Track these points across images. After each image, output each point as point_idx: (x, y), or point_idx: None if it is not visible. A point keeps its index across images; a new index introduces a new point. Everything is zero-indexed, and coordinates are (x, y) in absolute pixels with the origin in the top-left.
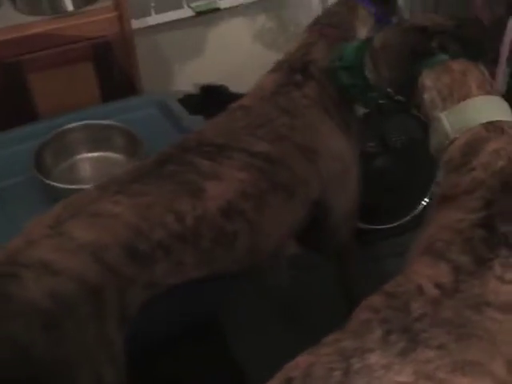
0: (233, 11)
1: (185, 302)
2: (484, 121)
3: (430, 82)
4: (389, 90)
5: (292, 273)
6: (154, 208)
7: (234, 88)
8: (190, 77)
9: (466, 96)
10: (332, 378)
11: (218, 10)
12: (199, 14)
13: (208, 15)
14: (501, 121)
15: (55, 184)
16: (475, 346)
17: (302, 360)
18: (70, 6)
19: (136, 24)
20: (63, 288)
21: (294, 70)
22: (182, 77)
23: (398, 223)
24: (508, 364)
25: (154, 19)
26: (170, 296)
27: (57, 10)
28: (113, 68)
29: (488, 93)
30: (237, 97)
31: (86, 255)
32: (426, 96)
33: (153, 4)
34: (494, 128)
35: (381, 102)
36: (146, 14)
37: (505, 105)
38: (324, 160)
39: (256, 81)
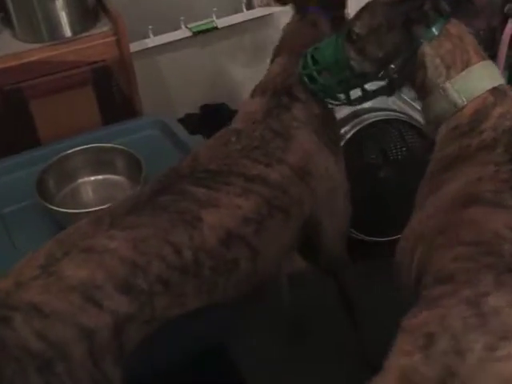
0: (230, 30)
1: (188, 328)
2: (489, 87)
3: (431, 49)
4: (392, 66)
5: (293, 290)
6: (150, 241)
7: (234, 106)
8: (189, 96)
9: (467, 63)
10: (470, 325)
11: (215, 29)
12: (197, 34)
13: (205, 35)
14: (502, 84)
15: (58, 209)
16: None
17: (431, 315)
18: (68, 33)
19: (135, 46)
20: (54, 330)
21: (278, 93)
22: (181, 97)
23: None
24: None
25: (153, 41)
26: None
27: (55, 36)
28: (113, 91)
29: (483, 58)
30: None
31: (76, 296)
32: (430, 64)
33: (151, 26)
34: (498, 93)
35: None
36: (145, 36)
37: (496, 68)
38: (316, 180)
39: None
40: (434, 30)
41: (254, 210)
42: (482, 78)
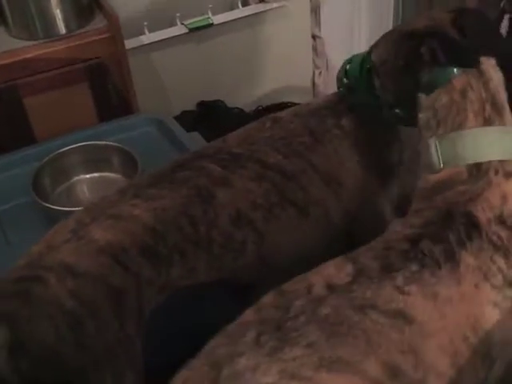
0: (226, 26)
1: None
2: (470, 161)
3: (428, 100)
4: (396, 110)
5: None
6: (169, 211)
7: (230, 102)
8: (186, 93)
9: (459, 125)
10: None
11: (211, 25)
12: (192, 30)
13: (201, 31)
14: (489, 162)
15: (54, 207)
16: (348, 344)
17: (181, 377)
18: (63, 30)
19: (130, 43)
20: (85, 289)
21: (336, 99)
22: (178, 94)
23: None
24: (384, 366)
25: (148, 38)
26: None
27: (50, 33)
28: (108, 88)
29: (485, 121)
30: (234, 111)
31: (105, 257)
32: (422, 115)
33: (146, 23)
34: (477, 171)
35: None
36: (140, 32)
37: (502, 135)
38: (349, 195)
39: (251, 95)
40: (436, 77)
41: (264, 196)
42: (468, 147)
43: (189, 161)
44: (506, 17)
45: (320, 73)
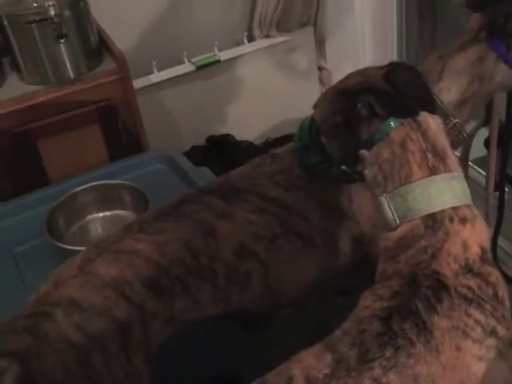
0: (232, 62)
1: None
2: (424, 213)
3: (370, 156)
4: (342, 167)
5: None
6: (171, 245)
7: (239, 136)
8: (195, 129)
9: (406, 179)
10: None
11: (218, 62)
12: (200, 67)
13: (208, 68)
14: (442, 210)
15: (67, 246)
16: None
17: None
18: (73, 74)
19: (139, 83)
20: (91, 323)
21: None
22: (187, 129)
23: None
24: None
25: (157, 76)
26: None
27: (61, 78)
28: (118, 128)
29: (430, 170)
30: (243, 144)
31: (110, 291)
32: (368, 172)
33: (154, 62)
34: (432, 222)
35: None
36: (149, 71)
37: (449, 182)
38: (356, 220)
39: (260, 127)
40: (375, 131)
41: (266, 227)
42: (419, 199)
43: (193, 196)
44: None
45: None
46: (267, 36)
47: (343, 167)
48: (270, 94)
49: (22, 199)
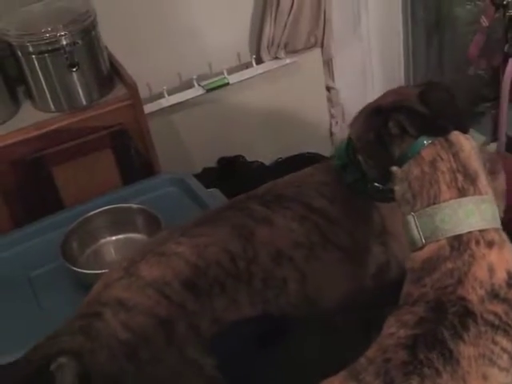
0: (242, 84)
1: None
2: (450, 234)
3: (401, 173)
4: (374, 179)
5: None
6: (210, 248)
7: (250, 157)
8: (206, 151)
9: (434, 198)
10: None
11: (227, 85)
12: (210, 90)
13: (218, 91)
14: (470, 232)
15: (81, 270)
16: None
17: None
18: (85, 101)
19: (151, 107)
20: (136, 321)
21: None
22: (198, 152)
23: None
24: None
25: (168, 101)
26: None
27: (73, 105)
28: (131, 153)
29: (459, 191)
30: (254, 164)
31: (152, 291)
32: (397, 189)
33: (165, 87)
34: (458, 244)
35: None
36: (160, 96)
37: (478, 204)
38: (400, 245)
39: (270, 148)
40: (406, 149)
41: (305, 236)
42: (446, 220)
43: (237, 202)
44: (511, 60)
45: (336, 122)
46: (275, 58)
47: (377, 185)
48: (279, 114)
49: (37, 224)
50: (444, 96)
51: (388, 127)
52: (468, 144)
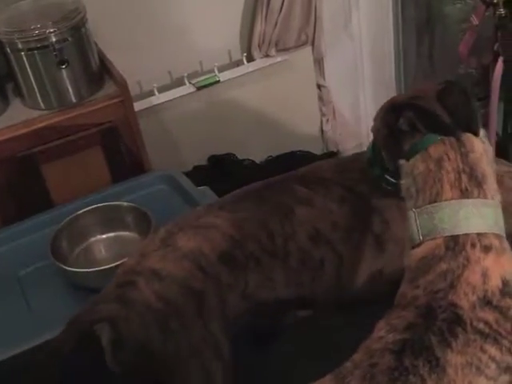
0: (232, 82)
1: None
2: (447, 234)
3: (407, 167)
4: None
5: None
6: (248, 223)
7: (241, 155)
8: (197, 149)
9: (436, 196)
10: None
11: (218, 82)
12: (200, 88)
13: (209, 88)
14: (467, 235)
15: (71, 269)
16: None
17: None
18: (75, 98)
19: (141, 105)
20: (169, 291)
21: None
22: (189, 150)
23: None
24: None
25: (158, 98)
26: None
27: (63, 102)
28: (121, 150)
29: (462, 192)
30: (245, 162)
31: (187, 262)
32: (403, 182)
33: (155, 84)
34: (454, 244)
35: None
36: (150, 93)
37: (480, 208)
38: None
39: (261, 146)
40: (415, 144)
41: (343, 217)
42: (445, 220)
43: (278, 181)
44: (500, 59)
45: (327, 120)
46: (266, 56)
47: (392, 179)
48: (270, 112)
49: (26, 222)
50: (461, 97)
51: (399, 124)
52: (481, 147)
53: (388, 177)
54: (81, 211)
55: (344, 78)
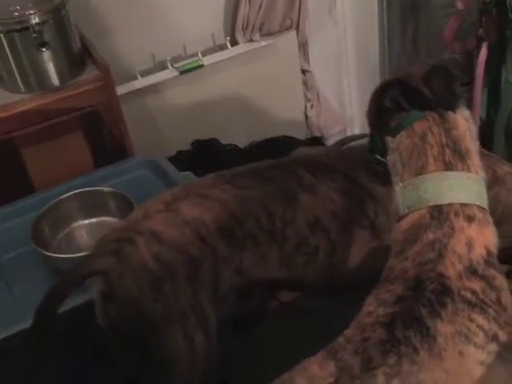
0: (216, 66)
1: None
2: (432, 203)
3: (393, 143)
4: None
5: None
6: (251, 202)
7: (224, 140)
8: (180, 134)
9: (421, 169)
10: None
11: (201, 66)
12: (183, 72)
13: (192, 73)
14: (450, 204)
15: (53, 255)
16: None
17: None
18: (56, 81)
19: (123, 89)
20: (166, 254)
21: None
22: (172, 135)
23: None
24: None
25: (141, 82)
26: None
27: (44, 86)
28: (103, 135)
29: (446, 165)
30: (228, 148)
31: (188, 230)
32: (389, 158)
33: (138, 68)
34: (438, 213)
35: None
36: (133, 77)
37: (463, 181)
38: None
39: (245, 131)
40: (400, 121)
41: (344, 208)
42: (429, 190)
43: (284, 163)
44: (484, 44)
45: (312, 105)
46: (250, 40)
47: (381, 158)
48: (253, 97)
49: (7, 208)
50: (445, 78)
51: (384, 102)
52: (464, 124)
53: (378, 156)
54: (62, 196)
55: (328, 63)
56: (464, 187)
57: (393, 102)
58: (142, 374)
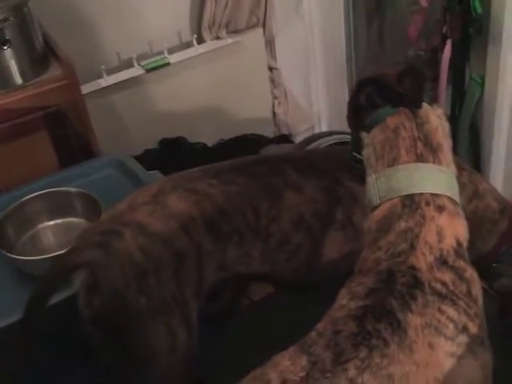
0: (183, 64)
1: None
2: (403, 193)
3: (368, 138)
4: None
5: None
6: (239, 198)
7: (192, 138)
8: (148, 132)
9: (393, 161)
10: None
11: (168, 65)
12: (150, 70)
13: (159, 71)
14: (422, 194)
15: (18, 257)
16: None
17: None
18: (19, 80)
19: (88, 87)
20: (152, 247)
21: None
22: (140, 133)
23: None
24: None
25: (106, 81)
26: None
27: (7, 85)
28: (68, 134)
29: (418, 157)
30: (196, 146)
31: (174, 222)
32: (364, 153)
33: (103, 66)
34: (410, 202)
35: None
36: (98, 76)
37: (434, 172)
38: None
39: (212, 129)
40: (375, 117)
41: (328, 208)
42: (401, 180)
43: (272, 160)
44: (449, 42)
45: (279, 103)
46: (217, 38)
47: (358, 155)
48: (221, 95)
49: None
50: (417, 77)
51: (359, 99)
52: (436, 120)
53: (355, 154)
54: (27, 197)
55: (295, 60)
56: (435, 178)
57: (368, 100)
58: (120, 368)
